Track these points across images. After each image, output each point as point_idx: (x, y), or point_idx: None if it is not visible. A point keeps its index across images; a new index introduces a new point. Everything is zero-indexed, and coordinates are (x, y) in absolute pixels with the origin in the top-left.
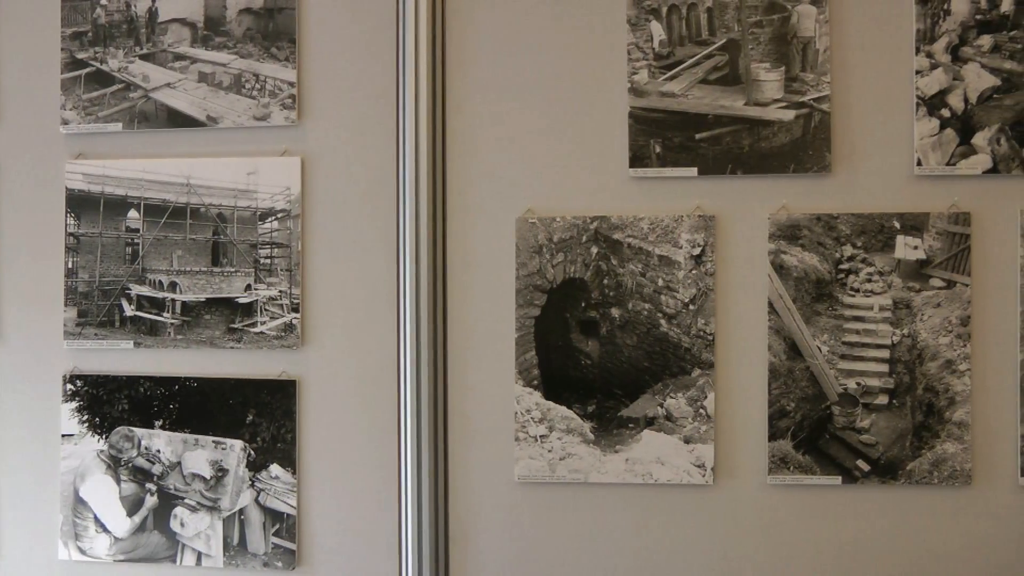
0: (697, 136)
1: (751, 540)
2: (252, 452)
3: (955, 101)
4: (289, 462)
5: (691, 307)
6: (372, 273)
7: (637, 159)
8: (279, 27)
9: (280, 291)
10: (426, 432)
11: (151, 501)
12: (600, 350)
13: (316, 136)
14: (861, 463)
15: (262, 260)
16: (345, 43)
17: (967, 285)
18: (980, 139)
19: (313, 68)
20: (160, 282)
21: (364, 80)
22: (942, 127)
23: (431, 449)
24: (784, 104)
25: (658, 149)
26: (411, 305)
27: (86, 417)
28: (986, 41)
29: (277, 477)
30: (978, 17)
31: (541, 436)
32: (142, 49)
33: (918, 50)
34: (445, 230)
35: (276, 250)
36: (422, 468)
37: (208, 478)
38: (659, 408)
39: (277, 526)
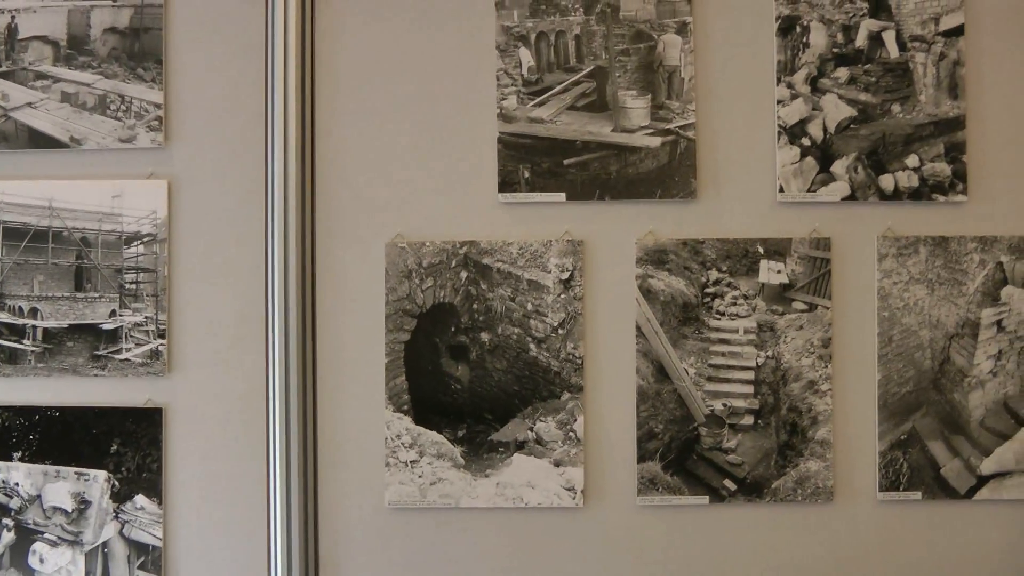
0: (565, 162)
1: (622, 561)
2: (116, 483)
3: (815, 130)
4: (155, 492)
5: (560, 331)
6: (240, 298)
7: (506, 184)
8: (145, 47)
9: (146, 317)
10: (295, 459)
11: (8, 537)
12: (470, 375)
13: (183, 159)
14: (728, 482)
15: (127, 285)
16: (213, 65)
17: (828, 308)
18: (839, 167)
19: (180, 90)
20: (20, 308)
21: (232, 103)
22: (803, 155)
23: (300, 476)
24: (651, 131)
25: (527, 175)
26: (280, 330)
27: None
28: (843, 73)
29: (142, 508)
30: (835, 50)
31: (411, 461)
32: (1, 67)
33: (779, 80)
34: (314, 255)
35: (142, 275)
36: (291, 495)
37: (70, 511)
38: (529, 432)
39: (143, 558)
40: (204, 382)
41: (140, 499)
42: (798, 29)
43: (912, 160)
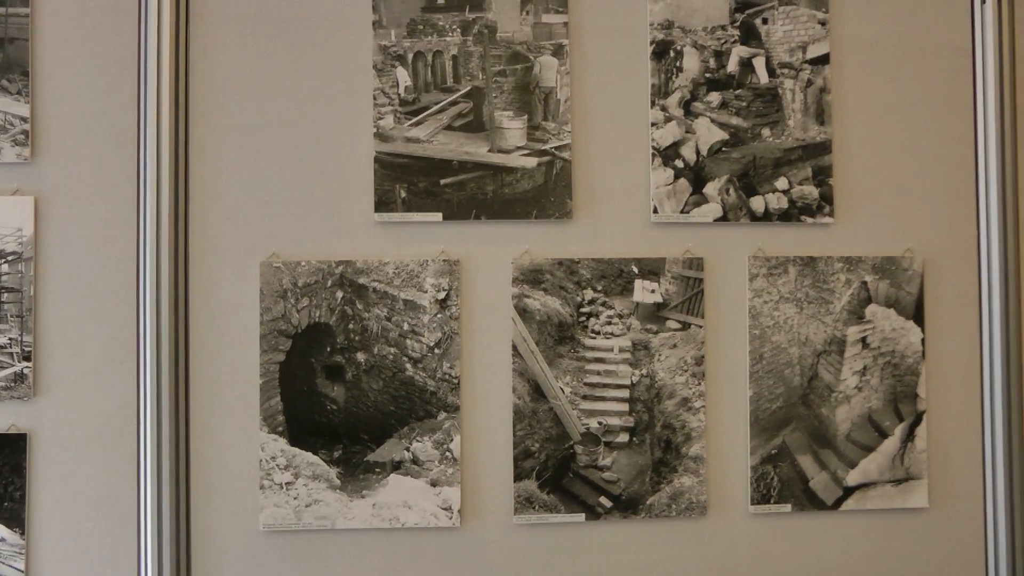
0: (442, 182)
1: None
2: None
3: (688, 153)
4: (17, 522)
5: (436, 351)
6: (110, 319)
7: (382, 204)
8: (11, 58)
9: (10, 339)
10: (167, 483)
11: None
12: (346, 395)
13: (51, 175)
14: (604, 500)
15: None
16: (84, 78)
17: (701, 326)
18: (711, 189)
19: (49, 103)
20: None
21: (104, 118)
22: (676, 177)
23: (172, 500)
24: (527, 152)
25: (403, 194)
26: (151, 352)
27: None
28: (715, 98)
29: (3, 539)
30: (707, 75)
31: (287, 483)
32: None
33: (653, 103)
34: (187, 274)
35: (6, 295)
36: (163, 521)
37: None
38: (405, 452)
39: None
40: (71, 406)
41: (1, 530)
42: (671, 54)
43: (782, 183)
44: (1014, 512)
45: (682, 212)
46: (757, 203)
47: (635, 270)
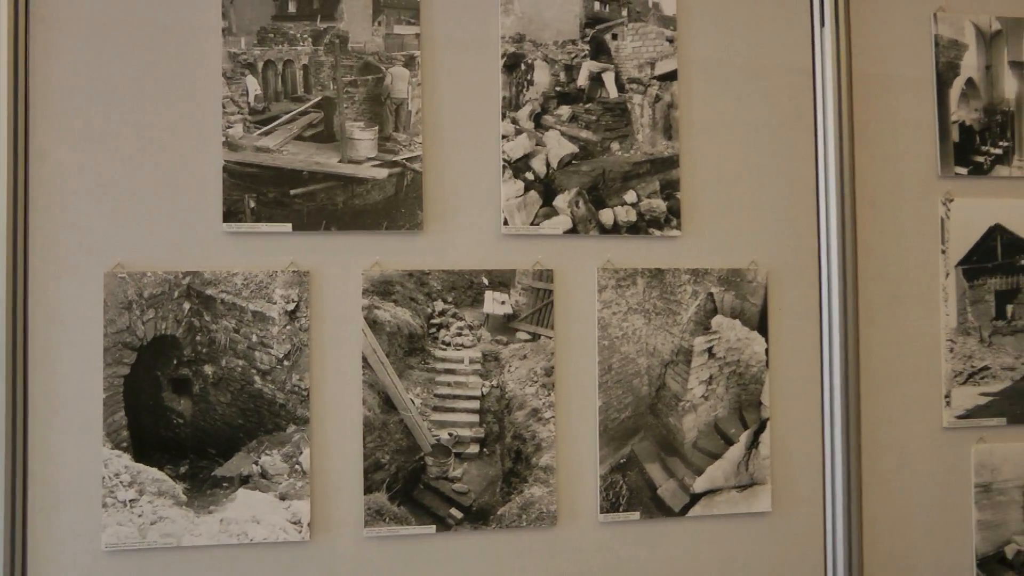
0: (292, 192)
1: None
2: None
3: (538, 165)
4: None
5: (285, 363)
6: None
7: (231, 214)
8: None
9: None
10: (2, 502)
11: None
12: (193, 408)
13: None
14: (454, 511)
15: None
16: None
17: (551, 337)
18: (561, 201)
19: None
20: None
21: None
22: (527, 189)
23: (8, 520)
24: (378, 163)
25: (252, 204)
26: None
27: None
28: (565, 111)
29: None
30: (558, 89)
31: (131, 500)
32: None
33: (504, 116)
34: (27, 284)
35: None
36: None
37: None
38: (254, 466)
39: None
40: None
41: None
42: (522, 67)
43: (630, 196)
44: (851, 514)
45: (532, 224)
46: (606, 216)
47: (485, 282)
